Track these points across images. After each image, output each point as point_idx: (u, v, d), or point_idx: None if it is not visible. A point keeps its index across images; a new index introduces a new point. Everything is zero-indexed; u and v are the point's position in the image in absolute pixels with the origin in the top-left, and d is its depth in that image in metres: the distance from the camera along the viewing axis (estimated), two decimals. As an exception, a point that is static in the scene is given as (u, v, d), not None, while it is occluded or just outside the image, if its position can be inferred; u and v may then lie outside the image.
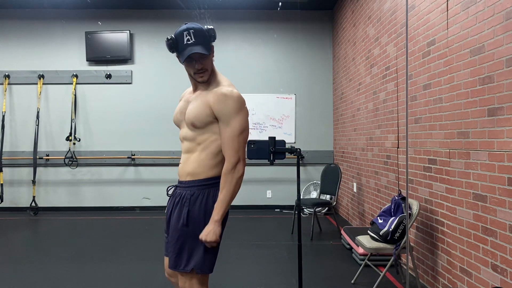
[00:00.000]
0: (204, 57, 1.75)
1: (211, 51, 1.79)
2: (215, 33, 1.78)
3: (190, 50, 1.71)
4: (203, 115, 1.74)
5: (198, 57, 1.74)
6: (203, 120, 1.74)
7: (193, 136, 1.79)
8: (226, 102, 1.71)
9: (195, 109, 1.76)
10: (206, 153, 1.77)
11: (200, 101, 1.77)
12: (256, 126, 6.39)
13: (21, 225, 5.34)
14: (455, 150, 2.69)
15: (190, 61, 1.75)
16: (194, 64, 1.75)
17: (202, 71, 1.77)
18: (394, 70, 3.82)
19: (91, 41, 6.24)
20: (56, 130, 6.37)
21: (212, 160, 1.78)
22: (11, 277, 3.34)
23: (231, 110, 1.71)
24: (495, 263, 2.27)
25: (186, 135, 1.82)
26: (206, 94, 1.78)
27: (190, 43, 1.72)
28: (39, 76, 6.29)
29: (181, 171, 1.83)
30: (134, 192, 6.38)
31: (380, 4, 4.21)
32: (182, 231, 1.75)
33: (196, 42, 1.72)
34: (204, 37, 1.74)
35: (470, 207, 2.52)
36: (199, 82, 1.81)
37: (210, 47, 1.77)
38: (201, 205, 1.75)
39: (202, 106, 1.75)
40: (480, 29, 2.42)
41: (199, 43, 1.72)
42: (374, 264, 3.49)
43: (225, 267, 3.55)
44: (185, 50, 1.73)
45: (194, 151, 1.80)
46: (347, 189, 5.57)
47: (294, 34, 6.47)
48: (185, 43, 1.72)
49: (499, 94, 2.24)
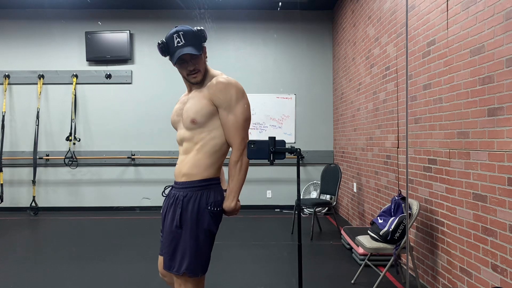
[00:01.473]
0: (195, 57, 1.76)
1: (203, 51, 1.80)
2: (205, 34, 1.79)
3: (180, 52, 1.72)
4: (203, 108, 1.74)
5: (189, 58, 1.75)
6: (204, 114, 1.74)
7: (190, 136, 1.79)
8: (227, 90, 1.73)
9: (194, 105, 1.76)
10: (203, 152, 1.77)
11: (197, 97, 1.78)
12: (256, 126, 6.39)
13: (21, 225, 5.34)
14: (455, 150, 2.69)
15: (182, 62, 1.77)
16: (186, 65, 1.77)
17: (195, 72, 1.78)
18: (394, 70, 3.82)
19: (91, 41, 6.24)
20: (56, 130, 6.38)
21: (208, 160, 1.78)
22: (11, 277, 3.34)
23: (232, 97, 1.73)
24: (495, 263, 2.27)
25: (184, 135, 1.82)
26: (202, 91, 1.79)
27: (180, 45, 1.73)
28: (39, 76, 6.29)
29: (177, 171, 1.84)
30: (134, 192, 6.38)
31: (380, 4, 4.21)
32: (176, 233, 1.75)
33: (186, 43, 1.73)
34: (194, 38, 1.75)
35: (470, 207, 2.52)
36: (192, 83, 1.82)
37: (201, 48, 1.78)
38: (193, 207, 1.74)
39: (201, 100, 1.75)
40: (480, 29, 2.42)
41: (189, 44, 1.73)
42: (374, 264, 3.49)
43: (225, 267, 3.55)
44: (175, 52, 1.74)
45: (190, 151, 1.80)
46: (347, 189, 5.57)
47: (294, 34, 6.47)
48: (176, 46, 1.73)
49: (499, 94, 2.24)
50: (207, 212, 1.74)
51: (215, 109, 1.75)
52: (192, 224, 1.73)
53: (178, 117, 1.88)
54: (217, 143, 1.78)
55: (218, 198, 1.78)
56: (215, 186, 1.80)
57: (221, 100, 1.73)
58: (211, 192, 1.77)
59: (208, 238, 1.76)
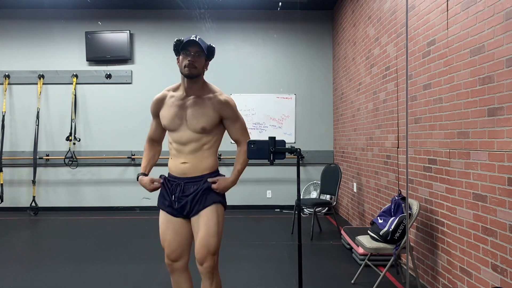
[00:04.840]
0: (198, 54, 2.04)
1: (207, 58, 2.10)
2: (215, 52, 2.13)
3: (191, 37, 2.01)
4: (214, 120, 2.11)
5: (194, 51, 2.02)
6: (213, 124, 2.12)
7: (199, 138, 2.10)
8: (230, 107, 2.16)
9: (205, 116, 2.09)
10: (211, 151, 2.15)
11: (205, 108, 2.10)
12: (256, 126, 6.38)
13: (21, 225, 5.34)
14: (455, 150, 2.69)
15: (186, 51, 2.02)
16: (187, 57, 2.02)
17: (192, 65, 2.02)
18: (394, 70, 3.82)
19: (91, 41, 6.24)
20: (56, 130, 6.38)
21: (214, 156, 2.18)
22: (11, 277, 3.34)
23: (235, 111, 2.19)
24: (495, 263, 2.27)
25: (191, 137, 2.10)
26: (204, 101, 2.11)
27: (193, 38, 2.03)
28: (39, 76, 6.29)
29: (191, 169, 2.11)
30: (134, 192, 6.38)
31: (380, 4, 4.21)
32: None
33: (199, 40, 2.03)
34: (206, 45, 2.08)
35: (470, 207, 2.52)
36: (184, 73, 2.05)
37: (208, 54, 2.09)
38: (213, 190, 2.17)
39: (211, 113, 2.10)
40: (480, 29, 2.42)
41: (201, 43, 2.04)
42: (374, 264, 3.49)
43: (225, 267, 3.55)
44: (187, 38, 2.02)
45: (199, 151, 2.12)
46: (347, 189, 5.57)
47: (294, 34, 6.47)
48: (190, 39, 2.02)
49: (499, 94, 2.24)
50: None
51: (219, 120, 2.15)
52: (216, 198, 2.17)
53: (180, 120, 2.11)
54: (218, 145, 2.21)
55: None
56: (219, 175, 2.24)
57: (229, 114, 2.16)
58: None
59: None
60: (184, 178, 2.13)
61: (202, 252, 2.05)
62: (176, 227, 2.14)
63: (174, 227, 2.15)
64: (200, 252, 2.06)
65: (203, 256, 2.06)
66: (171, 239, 2.14)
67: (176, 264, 2.16)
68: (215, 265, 2.10)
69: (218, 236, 2.09)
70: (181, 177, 2.14)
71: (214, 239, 2.07)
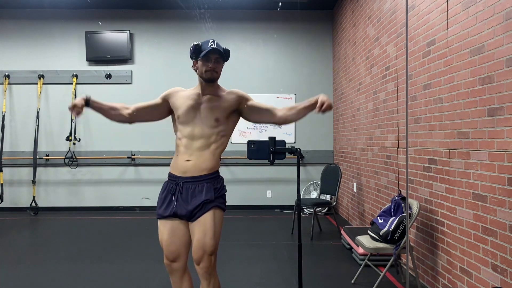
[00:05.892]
0: (218, 61, 2.15)
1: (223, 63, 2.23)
2: (230, 54, 2.25)
3: (213, 46, 2.11)
4: (227, 111, 2.19)
5: (214, 58, 2.13)
6: (226, 114, 2.18)
7: (209, 135, 2.15)
8: (241, 93, 2.27)
9: (219, 108, 2.17)
10: (217, 152, 2.18)
11: (219, 101, 2.19)
12: (256, 126, 6.38)
13: (21, 225, 5.34)
14: (455, 150, 2.69)
15: (207, 58, 2.11)
16: (208, 63, 2.12)
17: (213, 71, 2.13)
18: (394, 70, 3.82)
19: (91, 41, 6.24)
20: (56, 130, 6.38)
21: (218, 158, 2.20)
22: (11, 277, 3.34)
23: (247, 96, 2.29)
24: (495, 263, 2.27)
25: (203, 132, 2.14)
26: (220, 99, 2.20)
27: (213, 46, 2.12)
28: (39, 76, 6.29)
29: (193, 167, 2.13)
30: (134, 192, 6.38)
31: (380, 4, 4.21)
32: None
33: (218, 47, 2.15)
34: (224, 50, 2.19)
35: (470, 207, 2.52)
36: (205, 78, 2.14)
37: (226, 59, 2.23)
38: (216, 188, 2.19)
39: (224, 104, 2.19)
40: (480, 29, 2.42)
41: (221, 49, 2.16)
42: (374, 264, 3.49)
43: (225, 267, 3.55)
44: (208, 48, 2.11)
45: (206, 149, 2.15)
46: (347, 189, 5.57)
47: (294, 34, 6.47)
48: (209, 46, 2.12)
49: (499, 94, 2.24)
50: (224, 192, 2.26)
51: (232, 111, 2.21)
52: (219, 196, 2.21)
53: (195, 113, 2.16)
54: (223, 149, 2.22)
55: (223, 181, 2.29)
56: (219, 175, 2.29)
57: (243, 98, 2.25)
58: (216, 180, 2.21)
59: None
60: (183, 178, 2.15)
61: (198, 252, 2.08)
62: (174, 228, 2.16)
63: (172, 228, 2.16)
64: (197, 252, 2.08)
65: (199, 257, 2.08)
66: (169, 239, 2.15)
67: (174, 265, 2.17)
68: (212, 265, 2.11)
69: (215, 237, 2.10)
70: (180, 176, 2.16)
71: (211, 240, 2.08)
